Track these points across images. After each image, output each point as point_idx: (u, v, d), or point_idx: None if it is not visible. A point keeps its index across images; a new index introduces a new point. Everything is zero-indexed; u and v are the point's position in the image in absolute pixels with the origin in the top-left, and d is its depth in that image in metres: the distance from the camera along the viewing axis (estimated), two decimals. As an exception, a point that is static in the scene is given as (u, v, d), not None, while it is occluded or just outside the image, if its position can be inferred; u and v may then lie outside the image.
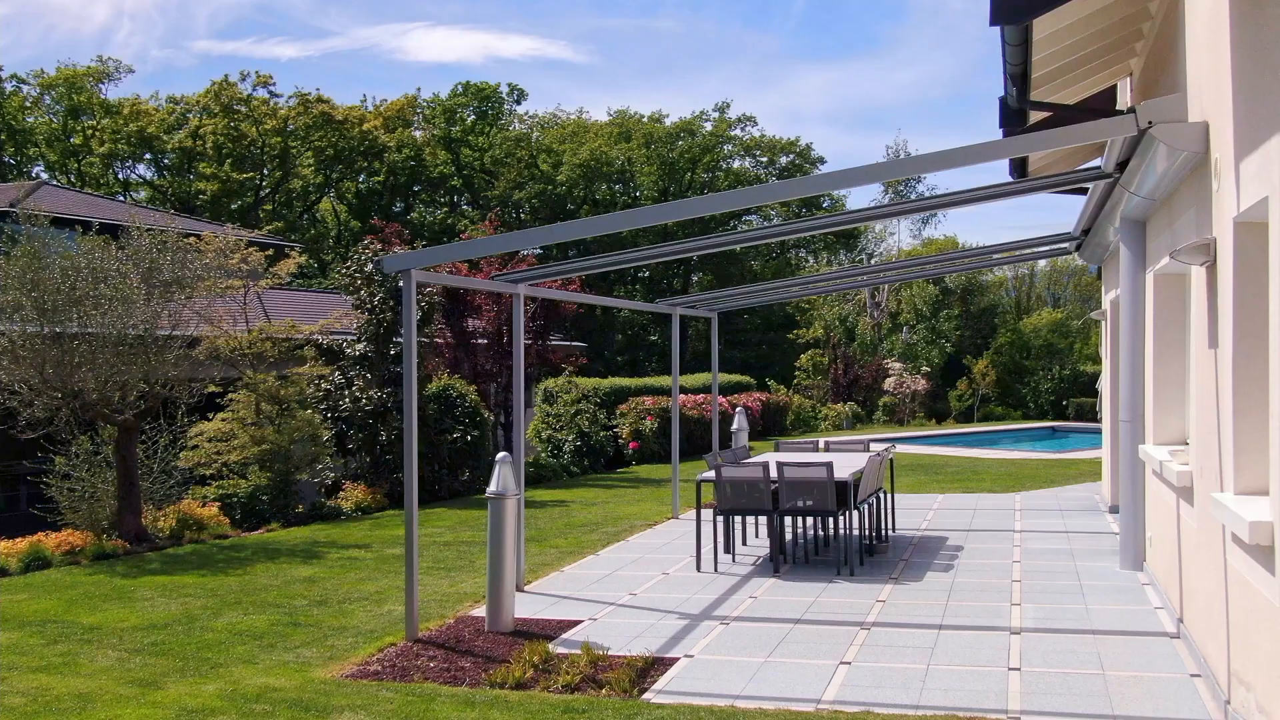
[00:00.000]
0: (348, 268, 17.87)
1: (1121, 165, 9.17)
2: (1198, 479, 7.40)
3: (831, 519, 11.72)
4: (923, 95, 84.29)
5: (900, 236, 49.85)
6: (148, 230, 13.77)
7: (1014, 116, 12.44)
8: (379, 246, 18.30)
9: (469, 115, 60.96)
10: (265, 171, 54.65)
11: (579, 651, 8.02)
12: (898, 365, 37.39)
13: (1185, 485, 7.75)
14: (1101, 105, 13.10)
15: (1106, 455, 14.96)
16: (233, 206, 51.57)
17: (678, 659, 7.95)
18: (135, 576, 11.39)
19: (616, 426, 23.41)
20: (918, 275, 30.63)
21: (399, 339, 17.53)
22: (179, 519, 14.09)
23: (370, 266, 17.52)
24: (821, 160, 61.77)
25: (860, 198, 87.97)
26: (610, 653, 8.07)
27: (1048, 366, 40.05)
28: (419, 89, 77.99)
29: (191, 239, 14.76)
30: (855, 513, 11.11)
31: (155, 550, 13.03)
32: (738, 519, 12.48)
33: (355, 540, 13.60)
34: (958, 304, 43.46)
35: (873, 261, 54.08)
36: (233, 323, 16.15)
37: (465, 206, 60.29)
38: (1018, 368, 41.34)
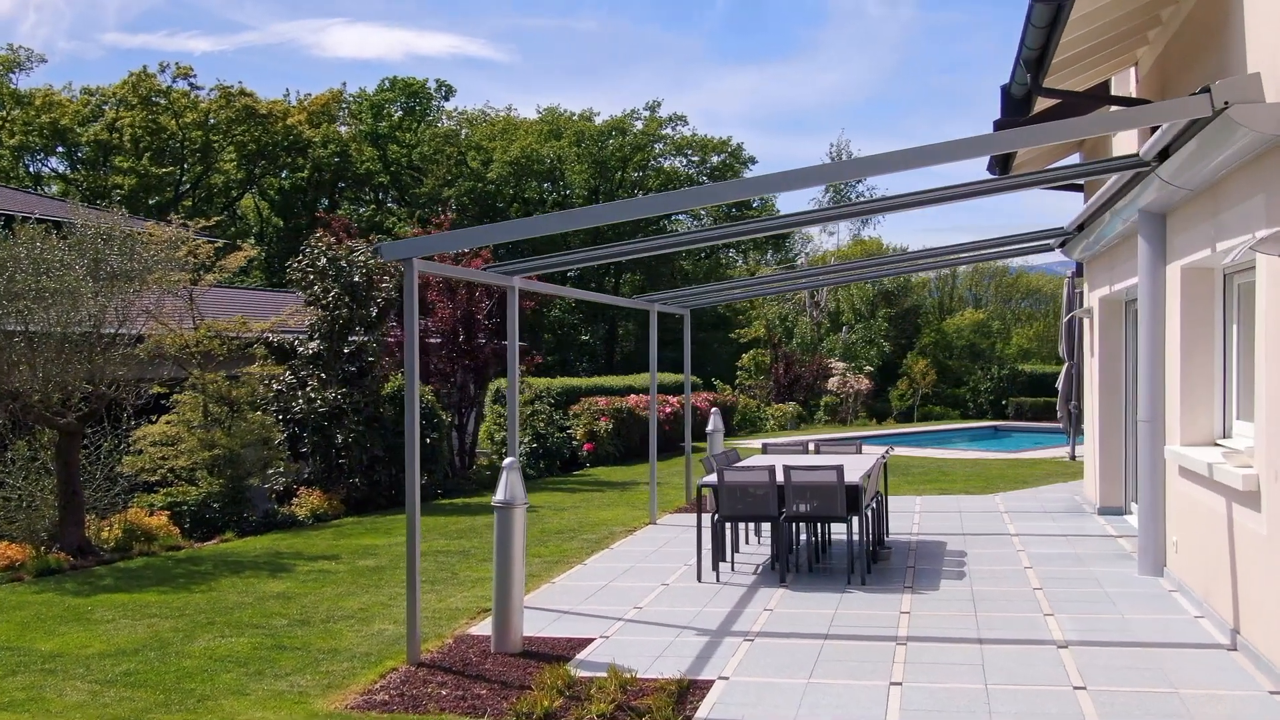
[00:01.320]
0: (299, 262, 16.93)
1: (1161, 154, 8.75)
2: (1270, 482, 6.97)
3: (832, 525, 11.21)
4: (845, 99, 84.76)
5: (841, 237, 49.78)
6: (94, 219, 12.78)
7: (1018, 106, 12.03)
8: (331, 240, 17.39)
9: (396, 111, 59.73)
10: (185, 166, 52.86)
11: (605, 675, 7.35)
12: (841, 365, 37.15)
13: (1250, 489, 7.32)
14: (1103, 95, 12.74)
15: (1093, 456, 14.63)
16: (150, 202, 49.76)
17: (713, 681, 7.32)
18: (89, 594, 10.45)
19: (570, 428, 22.70)
20: (908, 269, 30.35)
21: (354, 337, 16.65)
22: (125, 529, 13.13)
23: (324, 260, 16.61)
24: (753, 160, 61.77)
25: (794, 200, 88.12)
26: (639, 675, 7.41)
27: (985, 367, 40.24)
28: (344, 84, 76.19)
29: (135, 231, 13.77)
30: (861, 518, 10.57)
31: (104, 564, 12.06)
32: (725, 525, 11.86)
33: (321, 551, 12.75)
34: (881, 304, 43.50)
35: (800, 264, 54.32)
36: (179, 320, 15.15)
37: (391, 204, 59.06)
38: (942, 368, 41.46)
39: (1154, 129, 9.79)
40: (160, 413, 15.07)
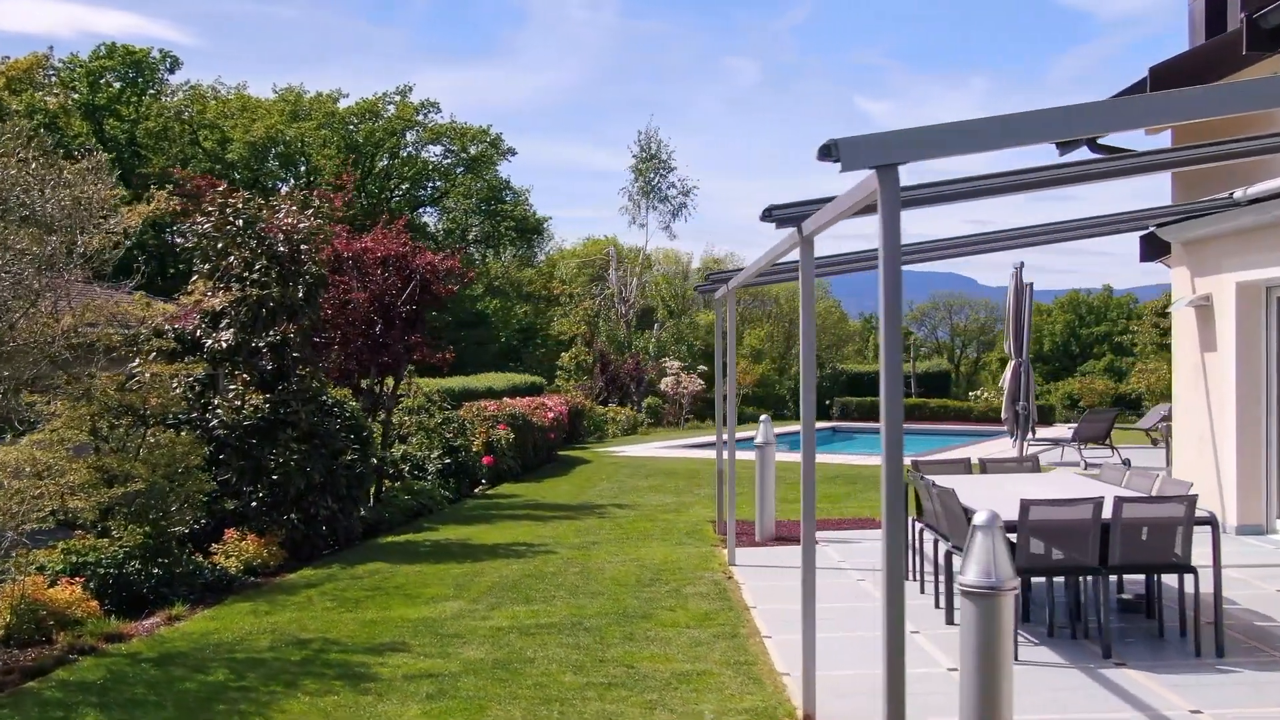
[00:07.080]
0: (201, 225, 12.51)
1: None
2: None
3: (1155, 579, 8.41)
4: (548, 102, 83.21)
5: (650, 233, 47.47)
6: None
7: (1267, 38, 9.79)
8: (245, 195, 13.05)
9: (115, 82, 52.59)
10: None
11: None
12: (675, 364, 34.60)
13: None
14: None
15: (1213, 468, 12.57)
16: None
17: None
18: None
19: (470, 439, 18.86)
20: (1000, 249, 28.20)
21: (276, 326, 12.38)
22: (23, 610, 8.66)
23: (240, 222, 12.27)
24: (512, 151, 59.09)
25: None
26: None
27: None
28: (51, 48, 66.99)
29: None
30: (1216, 566, 7.85)
31: (35, 675, 7.61)
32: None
33: (356, 636, 8.64)
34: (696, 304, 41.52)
35: (540, 261, 52.59)
36: (52, 301, 10.54)
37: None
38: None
39: None
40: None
